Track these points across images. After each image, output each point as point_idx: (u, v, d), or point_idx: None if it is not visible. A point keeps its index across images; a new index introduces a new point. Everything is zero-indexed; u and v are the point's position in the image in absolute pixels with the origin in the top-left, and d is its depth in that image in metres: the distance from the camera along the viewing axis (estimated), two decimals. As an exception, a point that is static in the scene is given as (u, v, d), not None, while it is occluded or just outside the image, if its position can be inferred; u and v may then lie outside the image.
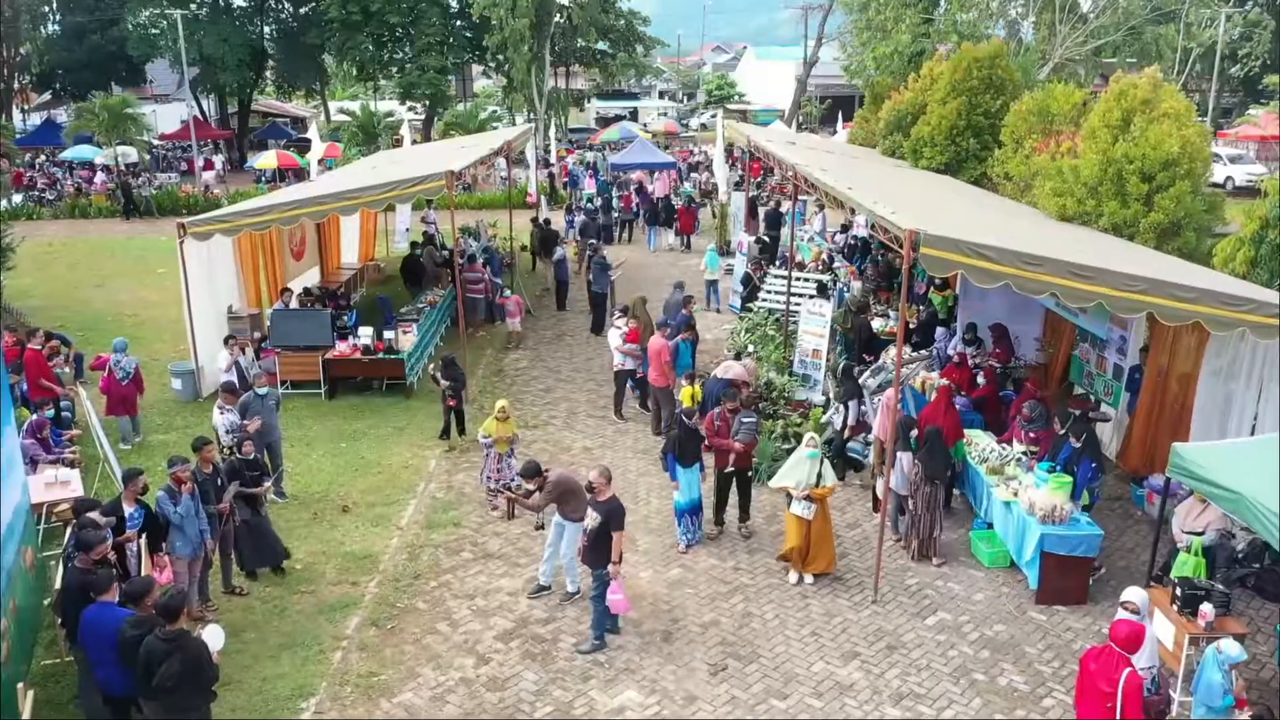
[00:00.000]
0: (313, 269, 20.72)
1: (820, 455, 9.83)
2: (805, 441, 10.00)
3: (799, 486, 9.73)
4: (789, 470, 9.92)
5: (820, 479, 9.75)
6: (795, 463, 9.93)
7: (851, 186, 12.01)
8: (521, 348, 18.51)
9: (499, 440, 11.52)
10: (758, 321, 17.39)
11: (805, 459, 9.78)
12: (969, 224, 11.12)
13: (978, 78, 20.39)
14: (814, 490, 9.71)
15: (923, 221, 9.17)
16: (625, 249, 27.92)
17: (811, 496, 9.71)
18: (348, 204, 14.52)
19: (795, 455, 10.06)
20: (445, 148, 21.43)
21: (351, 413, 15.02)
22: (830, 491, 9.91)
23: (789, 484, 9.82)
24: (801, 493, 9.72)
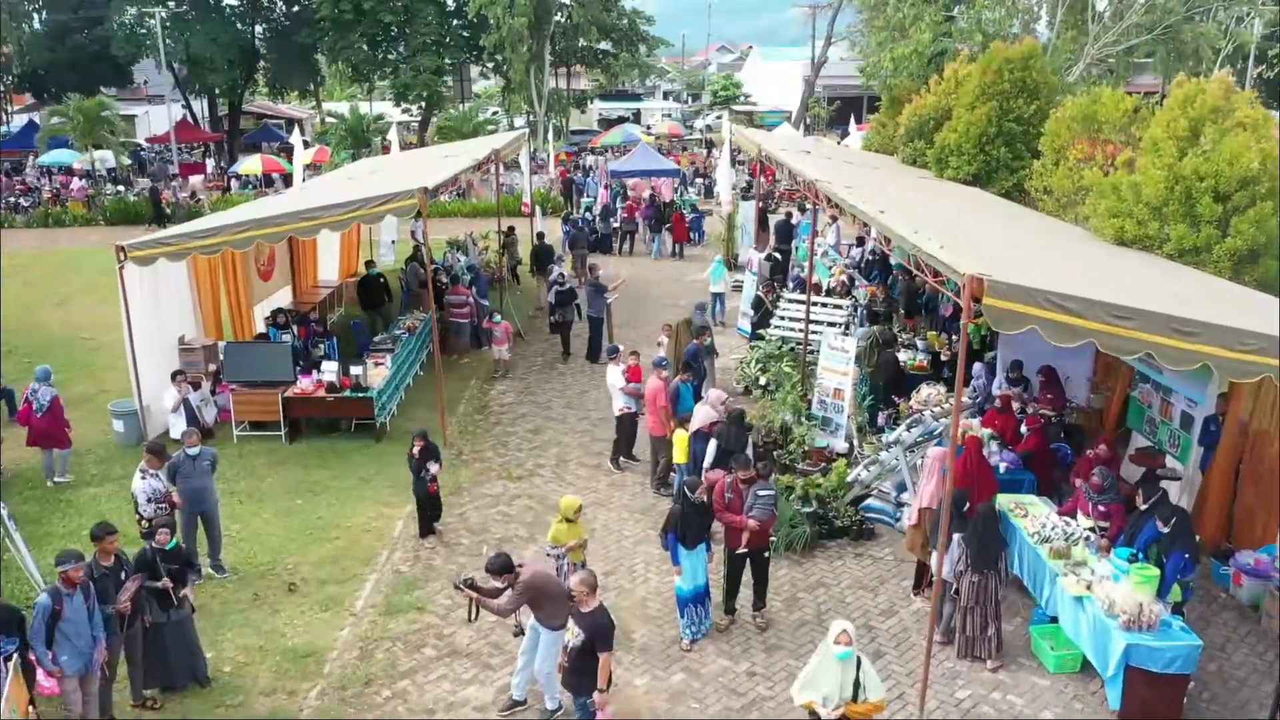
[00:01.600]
0: (284, 289, 19.01)
1: (855, 656, 6.64)
2: (833, 635, 6.66)
3: (828, 705, 6.59)
4: (813, 677, 6.73)
5: (860, 689, 6.60)
6: (820, 667, 6.73)
7: (883, 210, 10.28)
8: (509, 377, 16.81)
9: (571, 550, 9.08)
10: (770, 352, 15.66)
11: (835, 661, 6.60)
12: (1030, 260, 9.40)
13: (1009, 80, 18.65)
14: (851, 709, 6.61)
15: (981, 260, 7.46)
16: (625, 262, 26.20)
17: (848, 717, 6.64)
18: (307, 225, 12.82)
19: (820, 655, 6.83)
20: (429, 156, 19.75)
21: (314, 459, 13.32)
22: (877, 708, 6.73)
23: (814, 700, 6.66)
24: (833, 713, 6.59)
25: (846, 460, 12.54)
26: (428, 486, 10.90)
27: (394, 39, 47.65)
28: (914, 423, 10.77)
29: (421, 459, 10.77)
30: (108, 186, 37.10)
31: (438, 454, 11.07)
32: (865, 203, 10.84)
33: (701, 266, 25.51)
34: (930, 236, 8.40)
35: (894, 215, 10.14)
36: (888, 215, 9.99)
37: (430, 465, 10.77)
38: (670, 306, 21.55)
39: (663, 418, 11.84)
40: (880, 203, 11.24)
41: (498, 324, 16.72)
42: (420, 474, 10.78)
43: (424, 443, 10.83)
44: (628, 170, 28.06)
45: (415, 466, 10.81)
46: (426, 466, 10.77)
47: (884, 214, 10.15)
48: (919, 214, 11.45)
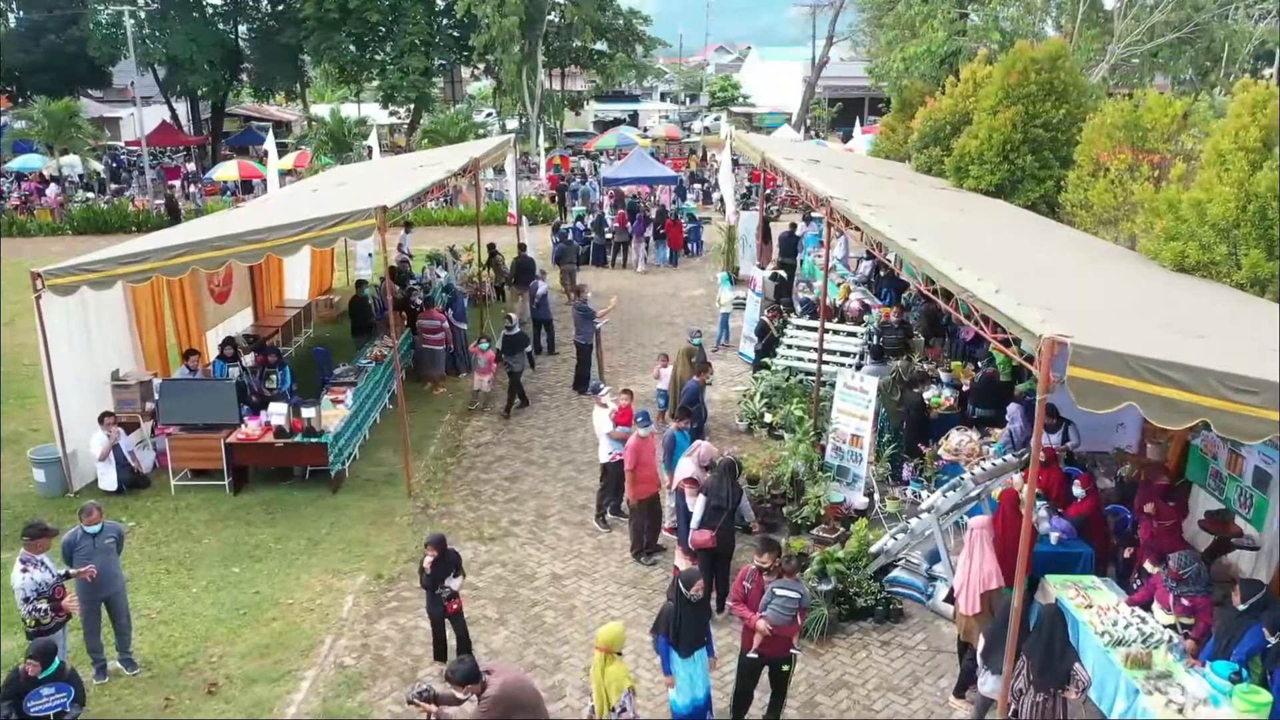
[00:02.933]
0: (243, 312, 17.39)
1: None
2: None
3: None
4: None
5: None
6: None
7: (914, 238, 8.68)
8: (487, 411, 15.18)
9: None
10: (777, 384, 14.06)
11: None
12: (1097, 300, 7.81)
13: (1035, 82, 17.08)
14: None
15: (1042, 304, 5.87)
16: (619, 275, 24.59)
17: None
18: (249, 249, 11.20)
19: None
20: (405, 165, 18.14)
21: (260, 514, 11.70)
22: None
23: None
24: None
25: (866, 518, 10.97)
26: (445, 606, 8.43)
27: (381, 39, 46.04)
28: (952, 486, 9.15)
29: (436, 574, 8.27)
30: (79, 193, 35.46)
31: (459, 564, 8.55)
32: (892, 227, 9.24)
33: (699, 280, 23.93)
34: (981, 278, 6.80)
35: (928, 244, 8.54)
36: (921, 244, 8.38)
37: (450, 582, 8.34)
38: (666, 325, 19.98)
39: (647, 478, 10.21)
40: (906, 225, 9.66)
41: (484, 351, 15.07)
42: (436, 591, 8.34)
43: (439, 551, 8.26)
44: (621, 178, 26.43)
45: (428, 582, 8.33)
46: (444, 585, 8.33)
47: (916, 242, 8.55)
48: (951, 238, 9.88)
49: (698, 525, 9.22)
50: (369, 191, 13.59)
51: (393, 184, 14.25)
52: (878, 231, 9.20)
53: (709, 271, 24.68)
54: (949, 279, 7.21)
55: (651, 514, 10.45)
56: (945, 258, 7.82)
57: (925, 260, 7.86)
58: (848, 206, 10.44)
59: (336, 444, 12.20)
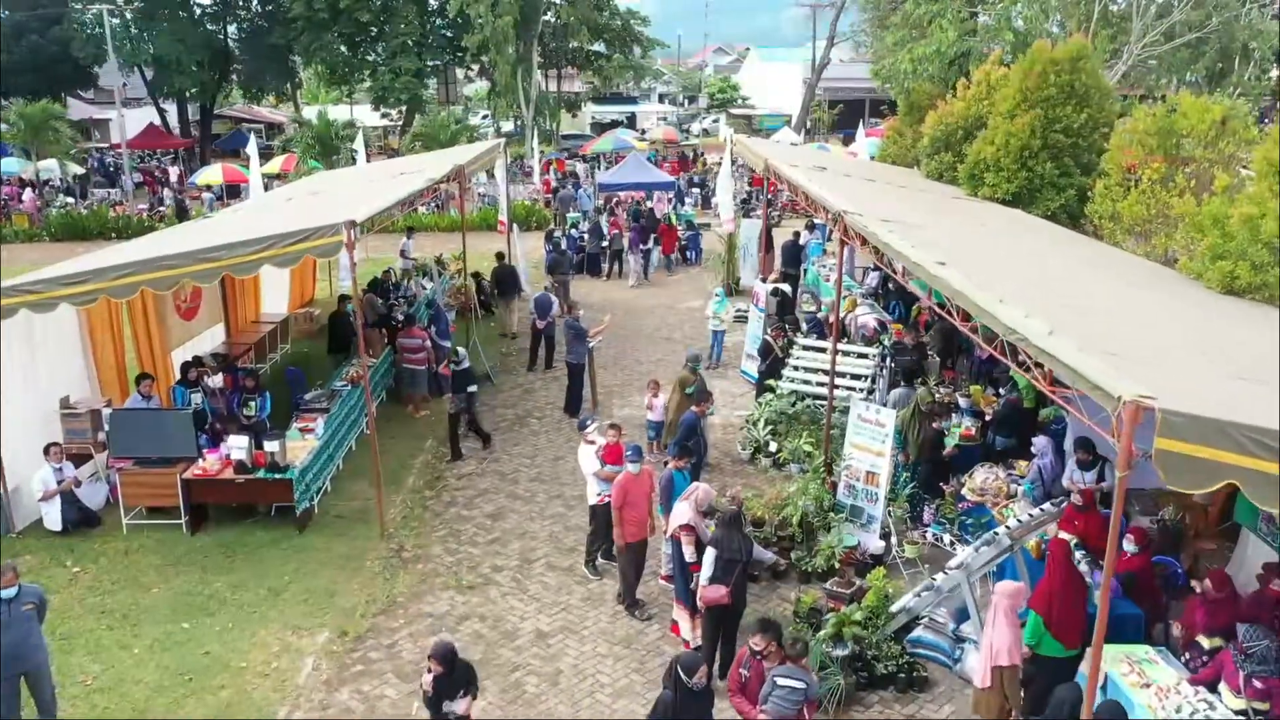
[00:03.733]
0: (214, 329, 16.36)
1: None
2: None
3: None
4: None
5: None
6: None
7: (943, 261, 7.68)
8: (471, 436, 14.13)
9: None
10: (783, 409, 13.05)
11: None
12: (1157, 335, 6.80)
13: (1055, 85, 16.05)
14: None
15: (1121, 359, 4.88)
16: (614, 287, 23.57)
17: None
18: (205, 268, 10.19)
19: None
20: (387, 172, 17.12)
21: (218, 558, 10.68)
22: None
23: None
24: None
25: (883, 563, 9.98)
26: None
27: (373, 39, 45.07)
28: (986, 541, 8.13)
29: (438, 694, 6.76)
30: (59, 198, 34.44)
31: (470, 680, 6.93)
32: (916, 248, 8.24)
33: (698, 290, 22.91)
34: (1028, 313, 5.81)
35: (959, 270, 7.53)
36: (952, 271, 7.38)
37: (453, 706, 6.80)
38: (664, 341, 18.97)
39: (635, 520, 9.21)
40: (929, 244, 8.66)
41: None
42: (439, 711, 6.85)
43: (444, 667, 6.71)
44: (617, 183, 25.42)
45: (430, 702, 6.86)
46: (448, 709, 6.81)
47: (946, 268, 7.54)
48: (979, 260, 8.89)
49: (708, 581, 8.23)
50: (341, 203, 12.59)
51: (369, 194, 13.27)
52: (901, 254, 8.19)
53: (708, 281, 23.66)
54: (994, 318, 6.21)
55: (637, 560, 9.44)
56: (981, 287, 6.82)
57: (962, 293, 6.85)
58: (864, 223, 9.44)
59: (304, 479, 11.18)
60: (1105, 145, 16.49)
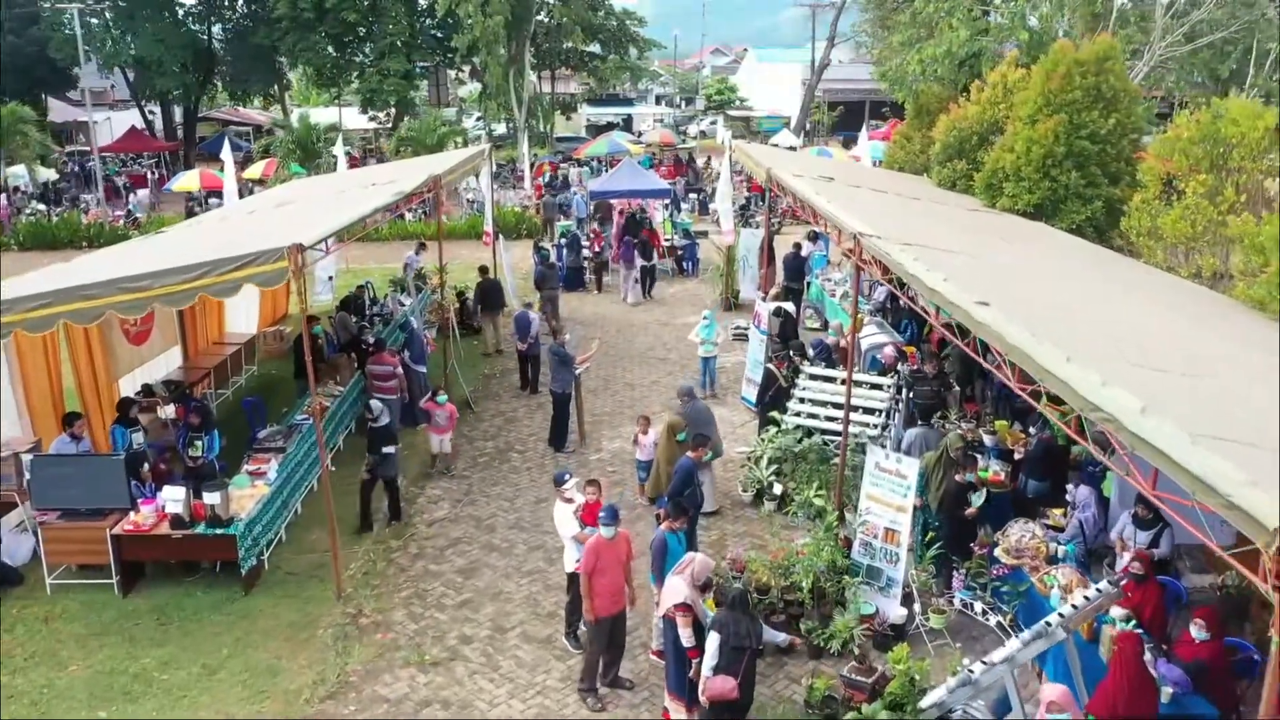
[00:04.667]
0: (169, 352, 15.08)
1: None
2: None
3: None
4: None
5: None
6: None
7: (985, 300, 6.43)
8: (449, 474, 12.88)
9: None
10: (788, 446, 11.80)
11: None
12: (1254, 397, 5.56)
13: (1081, 88, 14.87)
14: None
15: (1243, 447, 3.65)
16: (605, 300, 22.30)
17: None
18: (130, 298, 8.94)
19: None
20: (358, 182, 15.84)
21: (149, 625, 9.43)
22: None
23: None
24: None
25: (905, 633, 8.74)
26: None
27: (361, 40, 43.78)
28: (1037, 635, 6.87)
29: None
30: (31, 204, 33.14)
31: None
32: (948, 281, 6.99)
33: (694, 304, 21.65)
34: (1105, 378, 4.56)
35: (1002, 307, 6.29)
36: (998, 313, 6.14)
37: None
38: (659, 362, 17.71)
39: (608, 590, 7.96)
40: (960, 274, 7.43)
41: (440, 405, 12.74)
42: None
43: None
44: (609, 190, 24.15)
45: None
46: None
47: (988, 308, 6.30)
48: (1020, 292, 7.65)
49: (711, 671, 7.00)
50: (300, 219, 11.35)
51: (337, 207, 12.03)
52: (934, 291, 6.95)
53: (706, 294, 22.44)
54: (1064, 384, 4.98)
55: (614, 638, 8.19)
56: (1036, 336, 5.58)
57: (1019, 348, 5.60)
58: (884, 249, 8.20)
59: (250, 533, 9.92)
60: (1134, 153, 15.35)
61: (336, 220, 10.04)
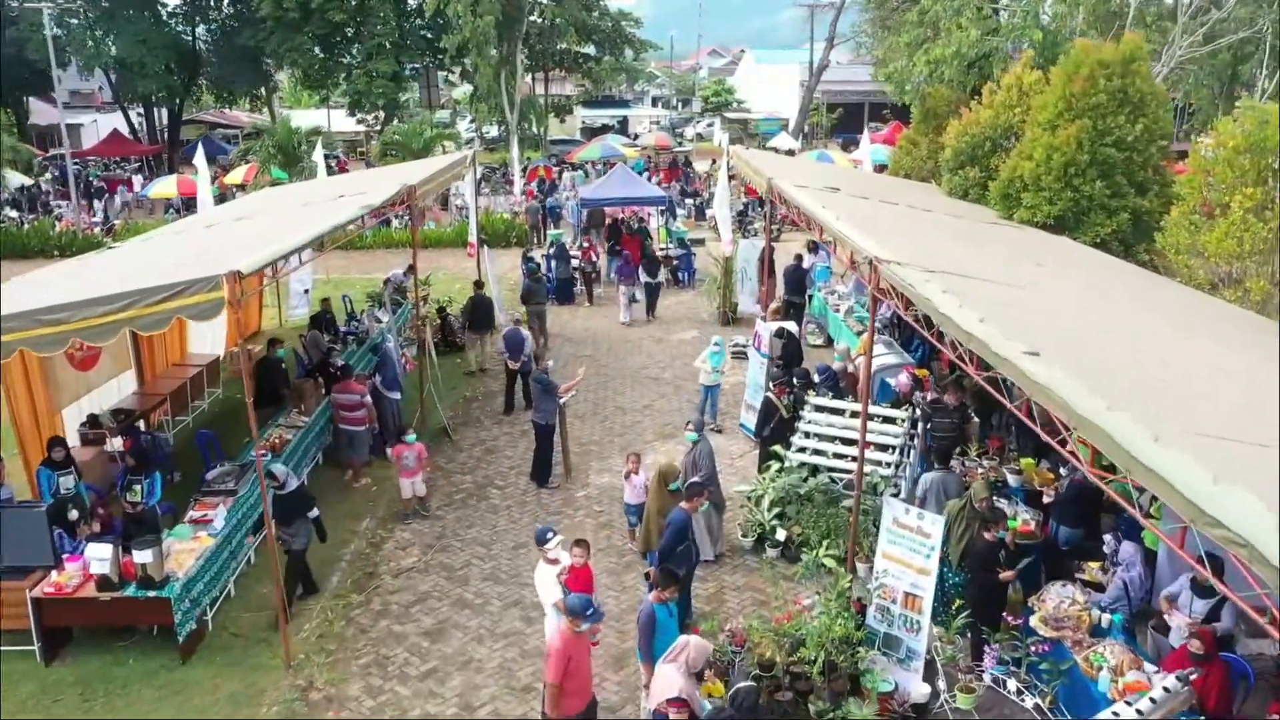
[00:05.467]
0: (120, 377, 13.97)
1: None
2: None
3: None
4: None
5: None
6: None
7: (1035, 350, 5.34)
8: (421, 515, 11.75)
9: None
10: (792, 486, 10.70)
11: None
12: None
13: (1105, 91, 13.83)
14: None
15: None
16: (597, 315, 21.20)
17: None
18: (46, 332, 7.83)
19: None
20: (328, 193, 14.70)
21: (72, 701, 8.33)
22: None
23: None
24: None
25: (928, 715, 7.65)
26: None
27: (348, 41, 42.66)
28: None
29: None
30: (4, 211, 31.99)
31: None
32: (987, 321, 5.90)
33: (691, 318, 20.56)
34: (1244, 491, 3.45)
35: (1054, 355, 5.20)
36: (1053, 367, 5.05)
37: None
38: (652, 381, 16.61)
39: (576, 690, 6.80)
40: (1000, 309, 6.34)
41: (410, 445, 11.54)
42: None
43: None
44: (602, 198, 23.04)
45: None
46: None
47: (1039, 358, 5.22)
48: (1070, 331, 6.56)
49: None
50: (251, 238, 10.24)
51: (295, 224, 10.92)
52: (971, 336, 5.84)
53: (702, 308, 21.35)
54: (1171, 487, 3.87)
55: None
56: (1109, 402, 4.50)
57: (1092, 421, 4.50)
58: (908, 279, 7.10)
59: (188, 594, 8.81)
60: (1162, 160, 14.31)
61: (286, 242, 8.91)
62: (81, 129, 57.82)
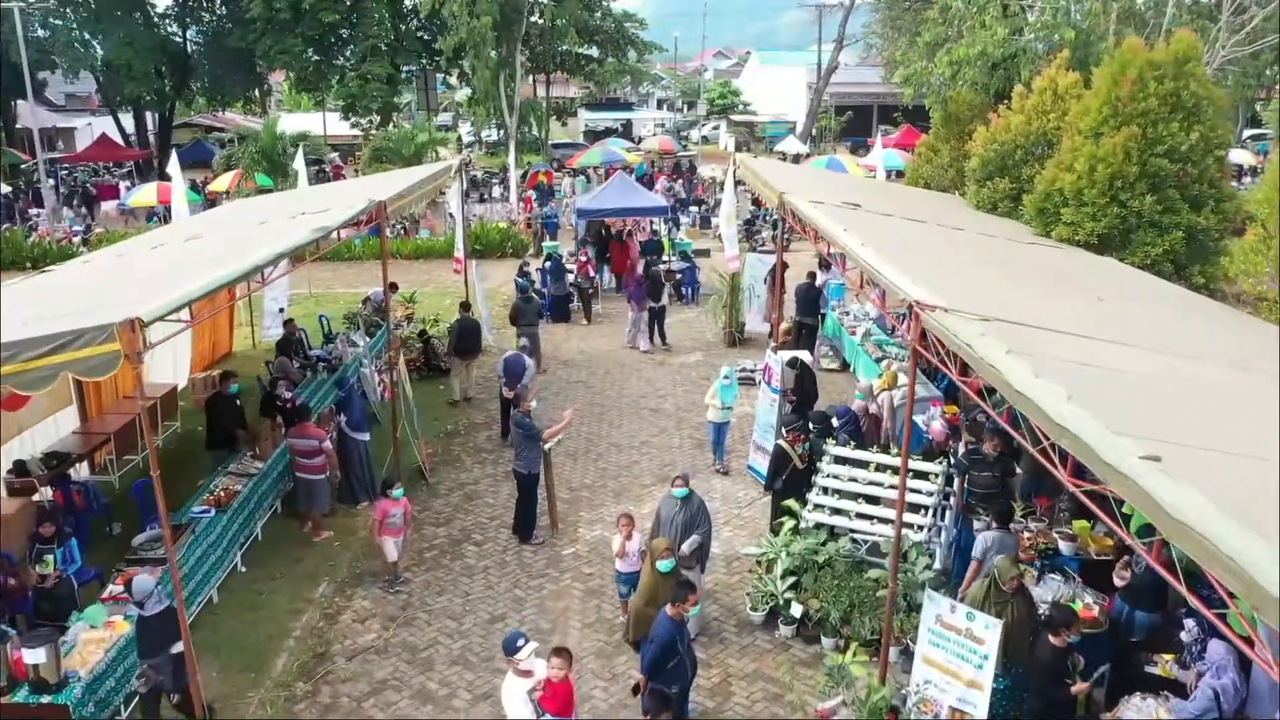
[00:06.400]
0: (61, 414, 12.58)
1: None
2: None
3: None
4: None
5: None
6: None
7: (1157, 455, 3.89)
8: (399, 586, 10.24)
9: None
10: (808, 552, 9.26)
11: None
12: None
13: (1156, 94, 12.38)
14: None
15: None
16: (595, 334, 19.78)
17: None
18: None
19: None
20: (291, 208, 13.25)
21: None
22: None
23: None
24: None
25: None
26: None
27: (343, 42, 41.28)
28: None
29: None
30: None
31: None
32: (1074, 399, 4.47)
33: (695, 339, 19.12)
34: None
35: (1180, 463, 3.77)
36: (1191, 491, 3.61)
37: None
38: (650, 415, 15.17)
39: None
40: (1089, 383, 4.92)
41: (397, 501, 9.89)
42: None
43: None
44: (599, 209, 21.62)
45: None
46: None
47: (1159, 462, 3.78)
48: (1182, 414, 5.12)
49: None
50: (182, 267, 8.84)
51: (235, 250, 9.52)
52: (1064, 429, 4.38)
53: (707, 327, 19.91)
54: None
55: None
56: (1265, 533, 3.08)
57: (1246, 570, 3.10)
58: (962, 334, 5.67)
59: (93, 696, 7.40)
60: (1219, 173, 12.86)
61: (200, 282, 7.43)
62: (75, 132, 56.66)
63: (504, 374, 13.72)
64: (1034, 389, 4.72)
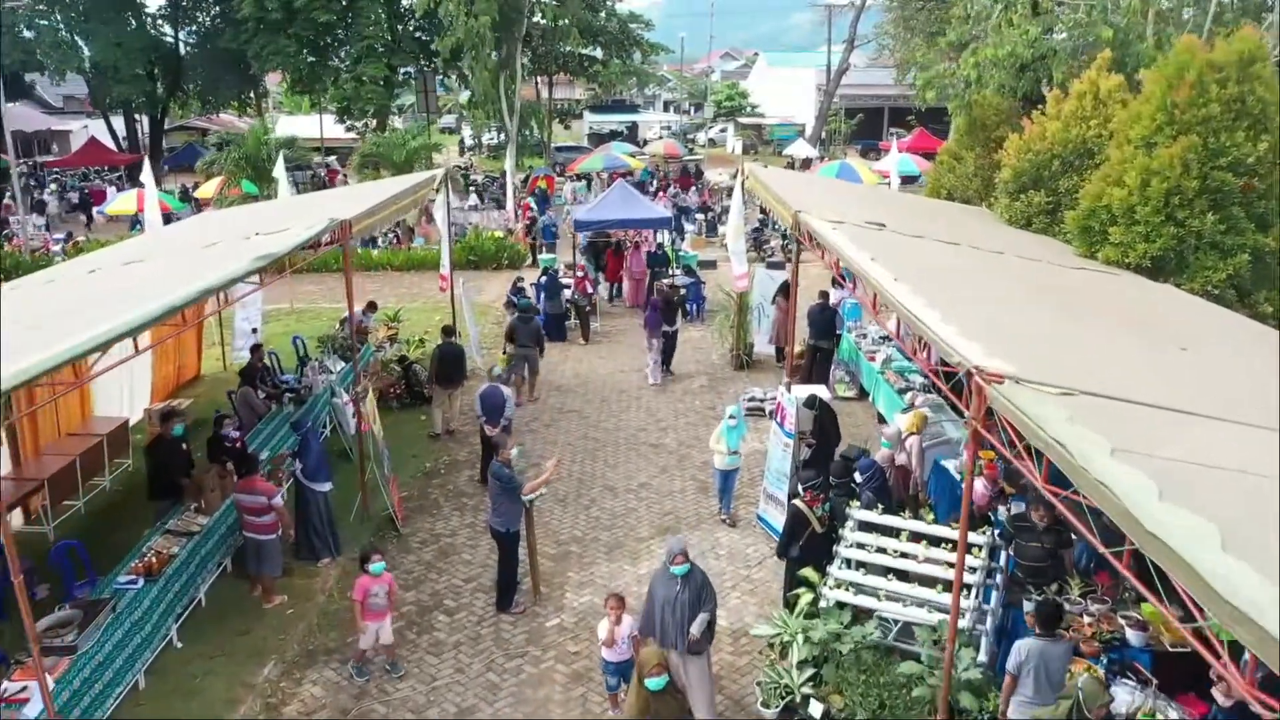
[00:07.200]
0: (-12, 456, 11.26)
1: None
2: None
3: None
4: None
5: None
6: None
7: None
8: (364, 673, 8.93)
9: None
10: (830, 638, 7.89)
11: None
12: None
13: (1218, 100, 10.99)
14: None
15: None
16: (593, 357, 18.42)
17: None
18: None
19: None
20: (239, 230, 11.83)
21: None
22: None
23: None
24: None
25: None
26: None
27: (339, 43, 40.07)
28: None
29: None
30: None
31: None
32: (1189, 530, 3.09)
33: (700, 363, 17.74)
34: None
35: None
36: None
37: None
38: (650, 450, 13.81)
39: None
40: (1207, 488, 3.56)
41: (377, 577, 8.46)
42: None
43: None
44: (598, 220, 20.25)
45: None
46: None
47: None
48: None
49: None
50: (100, 303, 7.51)
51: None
52: (1210, 589, 3.05)
53: (713, 348, 18.55)
54: None
55: None
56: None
57: None
58: (1042, 419, 4.31)
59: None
60: (1289, 186, 11.44)
61: (80, 338, 6.07)
62: (71, 135, 55.56)
63: (480, 410, 12.40)
64: (1169, 530, 3.34)
